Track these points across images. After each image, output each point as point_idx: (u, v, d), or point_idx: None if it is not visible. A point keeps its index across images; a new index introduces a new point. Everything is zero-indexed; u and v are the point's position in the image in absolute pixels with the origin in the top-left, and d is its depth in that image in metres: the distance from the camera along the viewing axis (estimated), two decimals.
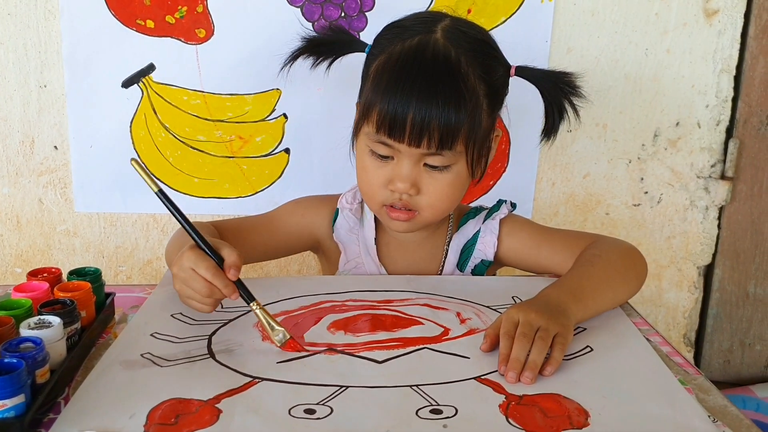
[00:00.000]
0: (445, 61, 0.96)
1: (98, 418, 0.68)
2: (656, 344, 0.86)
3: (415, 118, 0.94)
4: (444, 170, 1.00)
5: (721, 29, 1.58)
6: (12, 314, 0.76)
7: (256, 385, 0.74)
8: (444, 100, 0.94)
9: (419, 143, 0.96)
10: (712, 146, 1.66)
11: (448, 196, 1.03)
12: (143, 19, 1.45)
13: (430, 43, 0.98)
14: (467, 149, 0.99)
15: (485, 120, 1.00)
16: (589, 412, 0.70)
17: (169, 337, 0.85)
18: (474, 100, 0.97)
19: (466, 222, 1.14)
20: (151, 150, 1.53)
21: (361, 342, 0.84)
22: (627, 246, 1.06)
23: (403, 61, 0.97)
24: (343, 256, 1.14)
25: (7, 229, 1.59)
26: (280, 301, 0.96)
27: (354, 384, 0.74)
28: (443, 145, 0.96)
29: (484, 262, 1.12)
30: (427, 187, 1.01)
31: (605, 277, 0.97)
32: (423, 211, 1.03)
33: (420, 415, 0.69)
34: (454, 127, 0.95)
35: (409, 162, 0.99)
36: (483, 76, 0.99)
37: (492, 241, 1.12)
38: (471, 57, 0.98)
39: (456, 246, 1.13)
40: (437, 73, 0.96)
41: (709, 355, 1.85)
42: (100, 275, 0.90)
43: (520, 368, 0.77)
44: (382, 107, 0.96)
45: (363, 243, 1.14)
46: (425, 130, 0.95)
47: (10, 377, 0.63)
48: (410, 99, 0.94)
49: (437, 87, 0.95)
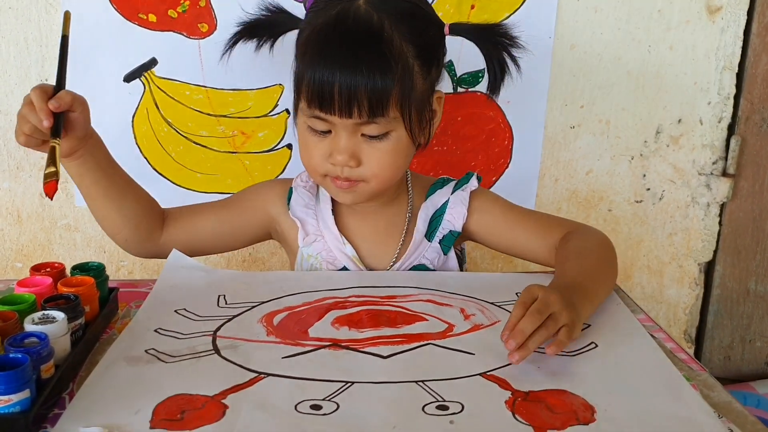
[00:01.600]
0: (366, 27, 0.95)
1: (103, 414, 0.68)
2: (660, 340, 0.86)
3: (342, 88, 0.93)
4: (383, 138, 0.99)
5: (724, 26, 1.58)
6: (16, 309, 0.76)
7: (261, 380, 0.74)
8: (369, 67, 0.93)
9: (350, 113, 0.95)
10: (714, 143, 1.66)
11: (391, 164, 1.01)
12: (145, 13, 1.45)
13: (351, 11, 0.96)
14: (403, 114, 0.97)
15: (419, 83, 0.98)
16: (596, 408, 0.70)
17: (173, 333, 0.85)
18: (402, 63, 0.95)
19: (435, 192, 1.13)
20: (154, 145, 1.52)
21: (366, 337, 0.84)
22: (604, 237, 1.06)
23: (325, 32, 0.96)
24: (301, 232, 1.12)
25: (7, 223, 1.59)
26: (283, 297, 0.95)
27: (359, 380, 0.74)
28: (374, 112, 0.95)
29: (452, 233, 1.10)
30: (368, 157, 0.99)
31: (601, 272, 0.98)
32: (369, 181, 1.01)
33: (426, 410, 0.69)
34: (382, 92, 0.94)
35: (346, 134, 0.98)
36: (411, 37, 0.97)
37: (461, 212, 1.10)
38: (396, 20, 0.96)
39: (425, 215, 1.11)
40: (359, 40, 0.94)
41: (710, 352, 1.85)
42: (103, 270, 0.90)
43: (521, 341, 0.77)
44: (308, 80, 0.95)
45: (321, 217, 1.12)
46: (353, 99, 0.93)
47: (15, 372, 0.63)
48: (334, 69, 0.93)
49: (360, 54, 0.93)
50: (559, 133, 1.63)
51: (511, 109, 1.58)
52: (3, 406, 0.63)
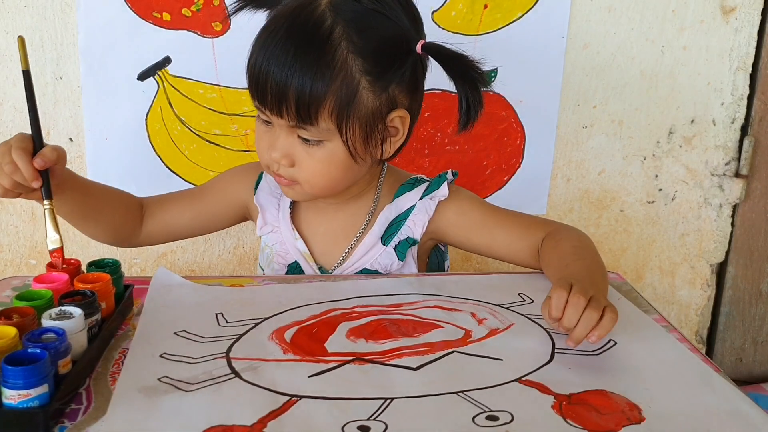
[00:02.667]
0: (313, 28, 0.91)
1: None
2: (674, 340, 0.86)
3: (273, 86, 0.91)
4: (317, 145, 0.96)
5: (738, 27, 1.58)
6: (33, 305, 0.76)
7: (296, 403, 0.70)
8: (301, 69, 0.90)
9: (280, 113, 0.93)
10: (727, 144, 1.66)
11: (323, 173, 0.98)
12: (159, 11, 1.45)
13: (307, 8, 0.93)
14: (339, 127, 0.94)
15: (367, 98, 0.94)
16: (640, 406, 0.70)
17: (182, 358, 0.79)
18: (343, 74, 0.91)
19: (402, 194, 1.09)
20: (167, 143, 1.53)
21: (387, 349, 0.81)
22: (587, 236, 1.05)
23: (274, 25, 0.94)
24: (260, 219, 1.11)
25: (22, 221, 1.59)
26: (286, 311, 0.91)
27: (397, 395, 0.71)
28: (302, 118, 0.92)
29: (408, 240, 1.07)
30: (300, 161, 0.97)
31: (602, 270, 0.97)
32: (302, 184, 0.99)
33: (477, 422, 0.67)
34: (311, 99, 0.90)
35: (281, 132, 0.96)
36: (363, 50, 0.92)
37: (423, 221, 1.07)
38: (352, 28, 0.92)
39: (384, 218, 1.08)
40: (301, 40, 0.91)
41: (721, 353, 1.84)
42: (119, 267, 0.90)
43: (568, 331, 0.80)
44: (250, 67, 0.94)
45: (282, 207, 1.11)
46: (283, 98, 0.91)
47: (35, 367, 0.63)
48: (270, 62, 0.91)
49: (296, 54, 0.90)
50: (572, 132, 1.62)
51: (524, 108, 1.58)
52: (22, 400, 0.63)
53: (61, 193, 0.99)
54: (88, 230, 1.12)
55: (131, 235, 1.15)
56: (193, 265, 1.64)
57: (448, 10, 1.49)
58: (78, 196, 1.05)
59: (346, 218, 1.10)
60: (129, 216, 1.13)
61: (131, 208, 1.14)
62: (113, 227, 1.12)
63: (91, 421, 0.67)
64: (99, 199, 1.10)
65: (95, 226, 1.11)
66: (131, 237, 1.15)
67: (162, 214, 1.15)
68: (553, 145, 1.61)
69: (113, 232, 1.13)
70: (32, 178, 0.89)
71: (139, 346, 0.81)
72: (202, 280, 1.01)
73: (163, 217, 1.15)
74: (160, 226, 1.16)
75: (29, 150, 0.90)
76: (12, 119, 1.51)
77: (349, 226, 1.10)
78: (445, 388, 0.73)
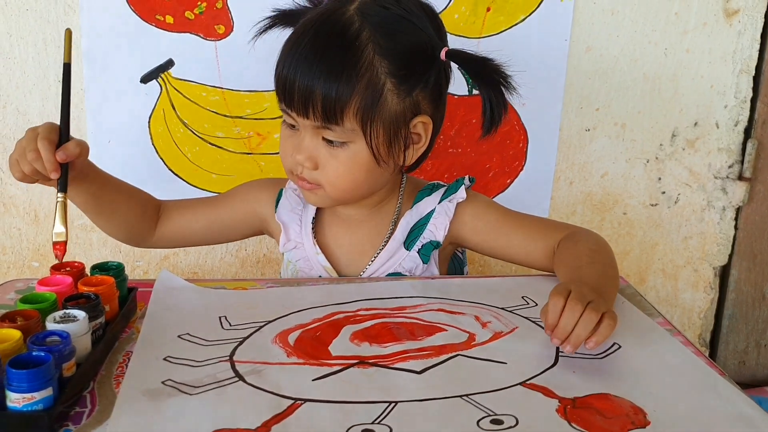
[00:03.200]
0: (340, 31, 0.93)
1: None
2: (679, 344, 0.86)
3: (301, 86, 0.93)
4: (341, 147, 0.97)
5: (741, 29, 1.58)
6: (37, 308, 0.76)
7: (300, 407, 0.70)
8: (328, 71, 0.92)
9: (306, 113, 0.94)
10: (730, 147, 1.66)
11: (345, 175, 0.99)
12: (162, 14, 1.46)
13: (337, 13, 0.95)
14: (364, 128, 0.95)
15: (392, 101, 0.96)
16: (644, 410, 0.70)
17: (186, 361, 0.79)
18: (369, 76, 0.93)
19: (422, 199, 1.10)
20: (170, 145, 1.53)
21: (391, 353, 0.81)
22: (604, 240, 1.05)
23: (304, 28, 0.96)
24: (283, 236, 1.12)
25: (25, 223, 1.59)
26: (290, 314, 0.91)
27: (401, 398, 0.71)
28: (328, 118, 0.94)
29: (432, 243, 1.08)
30: (324, 163, 0.98)
31: (615, 276, 0.97)
32: (325, 186, 1.00)
33: (482, 426, 0.67)
34: (337, 99, 0.92)
35: (307, 134, 0.97)
36: (390, 53, 0.94)
37: (444, 223, 1.08)
38: (379, 32, 0.94)
39: (406, 223, 1.09)
40: (329, 43, 0.93)
41: (725, 356, 1.84)
42: (123, 270, 0.90)
43: (564, 337, 0.78)
44: (277, 72, 0.96)
45: (304, 223, 1.12)
46: (309, 99, 0.93)
47: (39, 370, 0.63)
48: (297, 66, 0.93)
49: (324, 55, 0.92)
50: (575, 135, 1.62)
51: (527, 111, 1.58)
52: (26, 403, 0.63)
53: (79, 183, 1.01)
54: (101, 224, 1.12)
55: (145, 235, 1.15)
56: (196, 268, 1.63)
57: (451, 13, 1.49)
58: (95, 188, 1.06)
59: (369, 229, 1.11)
60: (145, 216, 1.14)
61: (148, 208, 1.14)
62: (127, 224, 1.13)
63: (95, 424, 0.67)
64: (116, 194, 1.10)
65: (109, 220, 1.11)
66: (145, 237, 1.16)
67: (177, 219, 1.16)
68: (556, 147, 1.61)
69: (127, 230, 1.13)
70: (52, 170, 0.90)
71: (142, 349, 0.81)
72: (205, 283, 1.01)
73: (177, 221, 1.16)
74: (173, 230, 1.16)
75: (54, 141, 0.92)
76: (15, 121, 1.51)
77: (373, 236, 1.11)
78: (450, 391, 0.73)
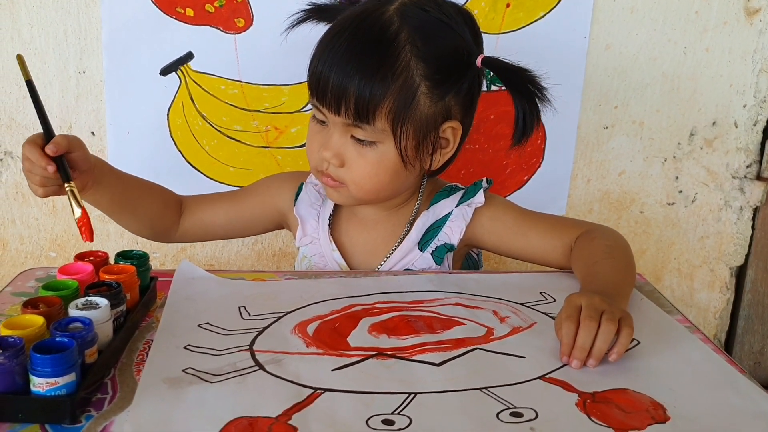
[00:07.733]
0: (378, 32, 0.94)
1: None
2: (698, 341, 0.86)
3: (335, 83, 0.93)
4: (369, 146, 0.98)
5: (762, 28, 1.57)
6: (60, 295, 0.77)
7: (320, 396, 0.70)
8: (363, 70, 0.93)
9: (338, 110, 0.95)
10: (749, 146, 1.65)
11: (371, 175, 1.00)
12: (183, 7, 1.46)
13: (376, 12, 0.96)
14: (394, 129, 0.96)
15: (425, 104, 0.97)
16: (664, 406, 0.70)
17: (206, 350, 0.80)
18: (404, 77, 0.94)
19: (439, 201, 1.10)
20: (188, 138, 1.54)
21: (410, 345, 0.82)
22: (622, 236, 1.05)
23: (342, 25, 0.97)
24: (300, 231, 1.13)
25: (42, 213, 1.60)
26: (308, 306, 0.92)
27: (421, 390, 0.72)
28: (360, 116, 0.94)
29: (446, 245, 1.08)
30: (351, 161, 0.99)
31: (630, 272, 0.97)
32: (349, 185, 1.01)
33: (501, 418, 0.67)
34: (371, 98, 0.93)
35: (336, 131, 0.98)
36: (427, 56, 0.95)
37: (461, 227, 1.08)
38: (417, 34, 0.95)
39: (421, 224, 1.09)
40: (366, 41, 0.94)
41: (740, 357, 1.83)
42: (147, 259, 0.91)
43: (584, 356, 0.76)
44: (312, 68, 0.97)
45: (322, 218, 1.13)
46: (342, 97, 0.94)
47: (63, 356, 0.64)
48: (333, 63, 0.94)
49: (361, 54, 0.93)
50: (593, 133, 1.62)
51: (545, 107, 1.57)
52: (50, 388, 0.64)
53: (99, 186, 1.01)
54: (125, 222, 1.13)
55: (168, 230, 1.17)
56: (212, 260, 1.64)
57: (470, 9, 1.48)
58: (116, 188, 1.06)
59: (386, 229, 1.11)
60: (167, 211, 1.15)
61: (170, 204, 1.16)
62: (150, 221, 1.14)
63: (116, 410, 0.68)
64: (137, 192, 1.11)
65: (132, 217, 1.12)
66: (168, 232, 1.17)
67: (199, 213, 1.17)
68: (574, 145, 1.61)
69: (150, 226, 1.15)
70: (45, 164, 0.90)
71: (163, 338, 0.82)
72: (224, 274, 1.02)
73: (200, 216, 1.17)
74: (196, 225, 1.17)
75: (38, 143, 0.92)
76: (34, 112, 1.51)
77: (388, 236, 1.11)
78: (469, 384, 0.73)
